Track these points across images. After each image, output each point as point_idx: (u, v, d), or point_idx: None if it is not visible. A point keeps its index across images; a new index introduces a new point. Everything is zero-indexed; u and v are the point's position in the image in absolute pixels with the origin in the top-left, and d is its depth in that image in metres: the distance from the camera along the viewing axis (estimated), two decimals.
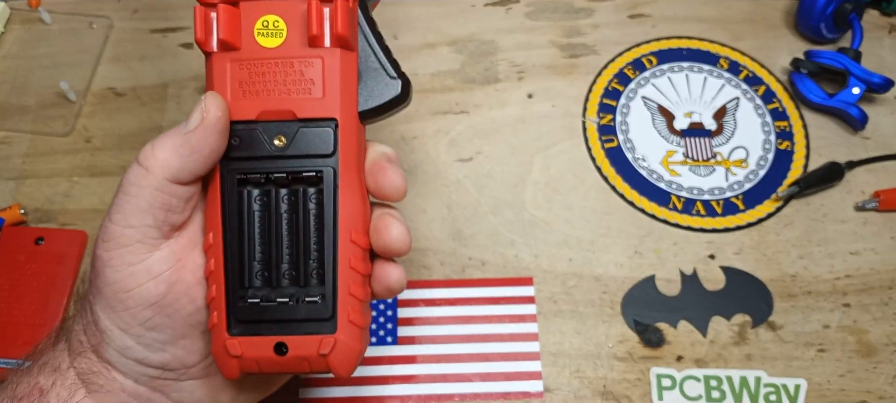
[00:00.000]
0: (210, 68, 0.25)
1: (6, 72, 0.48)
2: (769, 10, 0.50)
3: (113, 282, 0.24)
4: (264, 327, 0.25)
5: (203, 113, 0.24)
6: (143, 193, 0.24)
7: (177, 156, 0.24)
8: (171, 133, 0.24)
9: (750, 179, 0.43)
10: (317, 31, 0.25)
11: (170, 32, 0.50)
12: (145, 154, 0.24)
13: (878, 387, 0.36)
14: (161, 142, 0.24)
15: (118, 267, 0.24)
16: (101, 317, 0.25)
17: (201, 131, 0.24)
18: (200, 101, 0.24)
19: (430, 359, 0.37)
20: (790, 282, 0.39)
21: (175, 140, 0.24)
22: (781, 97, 0.46)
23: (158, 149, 0.24)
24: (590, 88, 0.47)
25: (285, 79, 0.25)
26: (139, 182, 0.24)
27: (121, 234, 0.24)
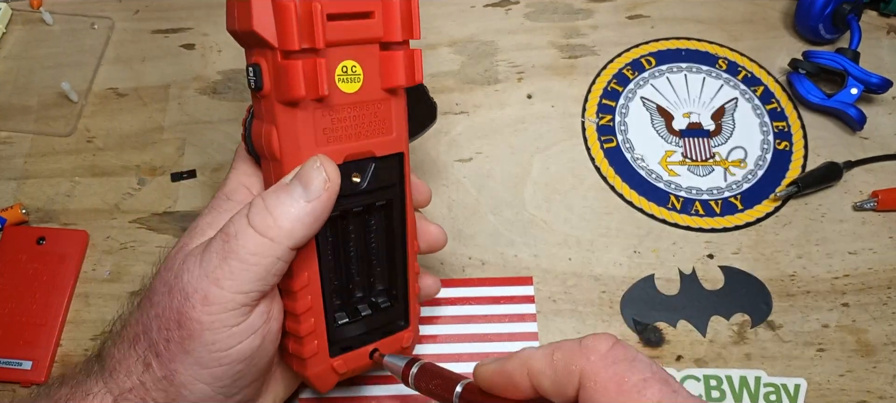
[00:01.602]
0: (293, 117, 0.24)
1: (8, 72, 0.48)
2: (767, 11, 0.50)
3: (211, 344, 0.23)
4: (356, 340, 0.29)
5: (327, 182, 0.24)
6: (263, 263, 0.23)
7: (302, 226, 0.23)
8: (286, 198, 0.23)
9: (748, 179, 0.43)
10: (398, 82, 0.26)
11: (171, 33, 0.50)
12: (266, 224, 0.23)
13: (878, 387, 0.36)
14: (281, 211, 0.23)
15: (219, 330, 0.23)
16: (180, 373, 0.24)
17: (327, 200, 0.24)
18: (316, 167, 0.24)
19: (429, 358, 0.37)
20: (789, 282, 0.39)
21: (298, 209, 0.23)
22: (780, 97, 0.46)
23: (281, 219, 0.23)
24: (589, 89, 0.47)
25: (363, 121, 0.26)
26: (262, 252, 0.23)
27: (229, 300, 0.23)
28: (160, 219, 0.42)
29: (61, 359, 0.37)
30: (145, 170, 0.44)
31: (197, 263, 0.24)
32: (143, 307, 0.25)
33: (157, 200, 0.43)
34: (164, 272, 0.25)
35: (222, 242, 0.23)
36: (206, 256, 0.24)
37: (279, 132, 0.24)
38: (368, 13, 0.25)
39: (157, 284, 0.25)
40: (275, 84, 0.24)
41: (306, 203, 0.23)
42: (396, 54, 0.26)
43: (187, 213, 0.42)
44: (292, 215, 0.23)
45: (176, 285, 0.24)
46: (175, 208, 0.42)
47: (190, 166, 0.44)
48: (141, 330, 0.25)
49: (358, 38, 0.25)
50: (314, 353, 0.27)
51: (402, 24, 0.25)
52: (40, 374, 0.36)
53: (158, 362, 0.24)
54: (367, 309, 0.30)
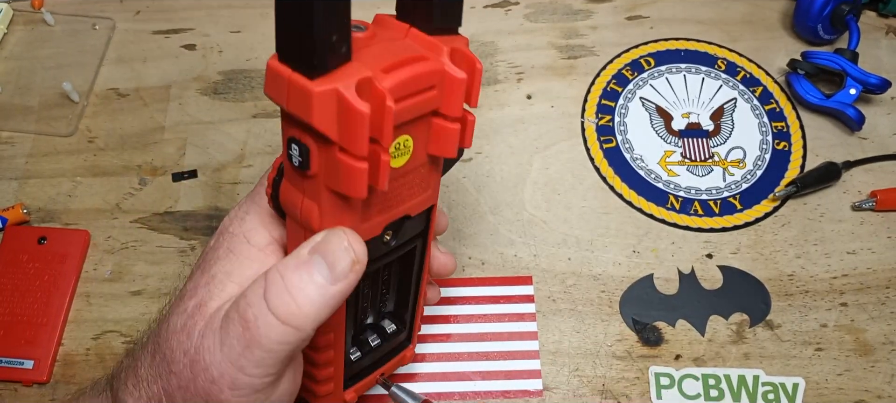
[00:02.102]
0: (341, 204, 0.22)
1: (9, 72, 0.48)
2: (766, 12, 0.51)
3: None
4: (366, 370, 0.30)
5: (355, 264, 0.21)
6: (287, 349, 0.21)
7: (327, 308, 0.21)
8: (308, 279, 0.21)
9: (747, 179, 0.43)
10: (448, 153, 0.23)
11: (172, 34, 0.50)
12: (289, 310, 0.21)
13: (877, 386, 0.36)
14: (304, 296, 0.21)
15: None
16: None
17: (354, 280, 0.21)
18: (342, 247, 0.21)
19: (430, 358, 0.37)
20: (787, 282, 0.39)
21: (323, 293, 0.21)
22: (779, 98, 0.46)
23: (305, 305, 0.21)
24: (588, 89, 0.47)
25: (404, 188, 0.24)
26: (286, 340, 0.21)
27: (257, 383, 0.22)
28: (161, 219, 0.42)
29: (62, 358, 0.37)
30: (146, 170, 0.44)
31: (217, 345, 0.22)
32: (160, 368, 0.23)
33: (158, 200, 0.43)
34: (183, 335, 0.23)
35: (242, 328, 0.21)
36: (226, 340, 0.22)
37: (322, 212, 0.21)
38: (431, 87, 0.21)
39: (176, 350, 0.23)
40: (328, 173, 0.21)
41: (331, 285, 0.21)
42: (451, 127, 0.22)
43: (188, 213, 0.42)
44: (317, 300, 0.21)
45: (198, 362, 0.22)
46: (176, 208, 0.42)
47: (191, 166, 0.44)
48: (163, 394, 0.23)
49: (416, 114, 0.22)
50: (329, 393, 0.28)
51: (461, 99, 0.22)
52: (42, 373, 0.36)
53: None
54: (376, 337, 0.30)
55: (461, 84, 0.22)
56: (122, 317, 0.39)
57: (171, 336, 0.23)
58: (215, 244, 0.25)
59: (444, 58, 0.22)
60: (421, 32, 0.22)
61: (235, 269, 0.24)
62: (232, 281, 0.24)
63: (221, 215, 0.42)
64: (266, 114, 0.46)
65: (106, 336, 0.38)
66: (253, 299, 0.21)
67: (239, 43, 0.50)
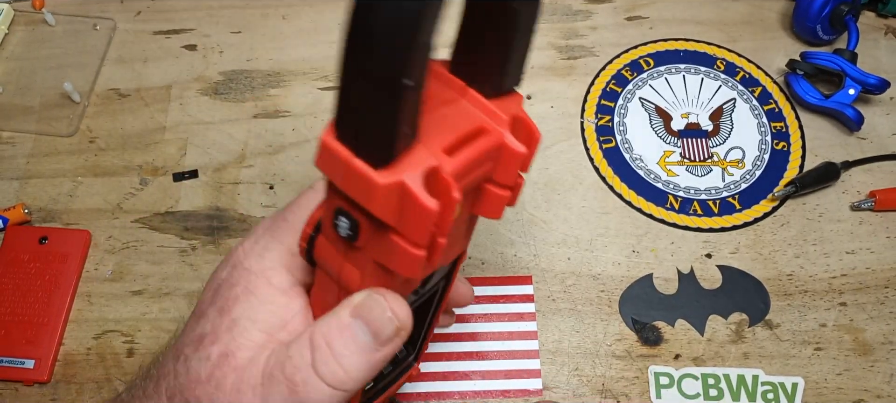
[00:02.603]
0: (387, 277, 0.21)
1: (10, 73, 0.48)
2: (765, 12, 0.51)
3: None
4: (376, 393, 0.28)
5: (400, 331, 0.21)
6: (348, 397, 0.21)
7: (372, 372, 0.21)
8: (353, 344, 0.21)
9: (746, 179, 0.43)
10: (495, 216, 0.22)
11: (173, 34, 0.50)
12: (337, 377, 0.21)
13: (876, 386, 0.36)
14: (351, 362, 0.21)
15: None
16: None
17: (398, 344, 0.21)
18: (386, 315, 0.20)
19: (430, 357, 0.37)
20: (786, 281, 0.39)
21: (368, 358, 0.21)
22: (777, 98, 0.46)
23: (353, 370, 0.21)
24: (588, 89, 0.47)
25: (453, 237, 0.22)
26: (334, 402, 0.21)
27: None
28: (162, 219, 0.42)
29: (63, 358, 0.37)
30: (147, 170, 0.44)
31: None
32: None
33: (158, 200, 0.43)
34: (209, 387, 0.22)
35: (288, 391, 0.21)
36: (270, 400, 0.21)
37: (364, 278, 0.20)
38: (491, 159, 0.20)
39: (203, 401, 0.22)
40: (378, 250, 0.19)
41: (376, 352, 0.21)
42: (503, 194, 0.21)
43: (189, 213, 0.42)
44: (363, 366, 0.21)
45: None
46: (177, 208, 0.42)
47: (191, 166, 0.44)
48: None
49: (471, 187, 0.20)
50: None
51: (513, 173, 0.21)
52: (43, 373, 0.37)
53: None
54: (389, 365, 0.29)
55: (520, 158, 0.20)
56: (123, 317, 0.39)
57: (195, 385, 0.22)
58: (230, 279, 0.24)
59: (505, 130, 0.20)
60: (479, 95, 0.20)
61: (260, 315, 0.23)
62: (258, 329, 0.23)
63: (222, 215, 0.42)
64: (266, 115, 0.46)
65: (107, 336, 0.38)
66: (300, 364, 0.21)
67: (240, 43, 0.50)
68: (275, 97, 0.47)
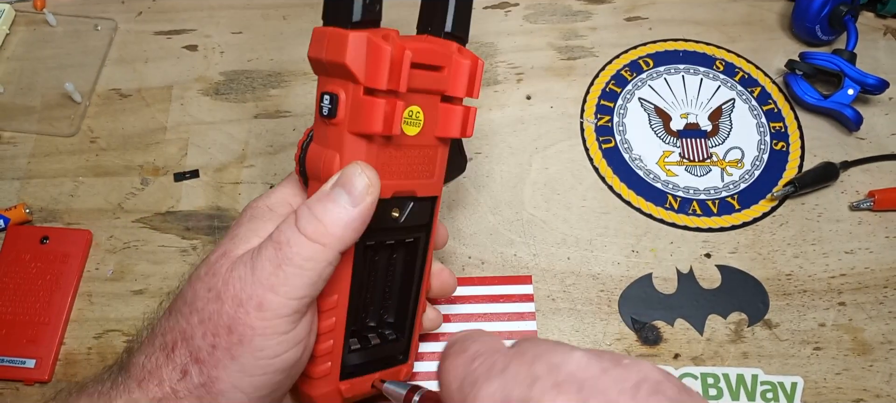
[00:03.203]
0: (359, 148, 0.26)
1: (11, 73, 0.49)
2: (765, 13, 0.51)
3: (260, 350, 0.24)
4: (362, 368, 0.30)
5: (370, 186, 0.25)
6: (317, 268, 0.24)
7: (351, 231, 0.24)
8: (332, 205, 0.24)
9: (745, 179, 0.43)
10: (452, 134, 0.28)
11: (174, 35, 0.50)
12: (318, 230, 0.24)
13: (875, 385, 0.36)
14: (330, 218, 0.24)
15: (270, 336, 0.24)
16: (221, 380, 0.24)
17: (372, 203, 0.25)
18: (357, 173, 0.24)
19: (429, 357, 0.37)
20: (785, 281, 0.39)
21: (345, 214, 0.24)
22: (776, 98, 0.47)
23: (331, 225, 0.24)
24: (587, 90, 0.47)
25: (413, 162, 0.28)
26: (315, 258, 0.24)
27: (283, 305, 0.24)
28: (163, 219, 0.42)
29: (64, 358, 0.38)
30: (148, 170, 0.44)
31: (248, 270, 0.24)
32: (179, 314, 0.25)
33: (159, 200, 0.43)
34: (207, 278, 0.25)
35: (274, 250, 0.24)
36: (258, 263, 0.24)
37: (343, 159, 0.25)
38: (440, 67, 0.27)
39: (198, 290, 0.25)
40: (351, 115, 0.25)
41: (352, 208, 0.24)
42: (456, 108, 0.28)
43: (190, 213, 0.42)
44: (341, 220, 0.24)
45: (226, 291, 0.24)
46: (178, 208, 0.43)
47: (192, 166, 0.44)
48: (179, 336, 0.24)
49: (427, 87, 0.27)
50: (325, 374, 0.28)
51: (466, 83, 0.28)
52: (43, 372, 0.37)
53: (199, 368, 0.24)
54: (376, 338, 0.31)
55: (466, 68, 0.27)
56: (124, 317, 0.39)
57: (193, 282, 0.25)
58: (240, 217, 0.28)
59: (452, 49, 0.27)
60: (433, 35, 0.28)
61: (260, 227, 0.26)
62: (256, 236, 0.26)
63: (223, 215, 0.42)
64: (267, 115, 0.46)
65: (108, 336, 0.38)
66: (284, 227, 0.24)
67: (240, 44, 0.50)
68: (275, 97, 0.47)
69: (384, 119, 0.25)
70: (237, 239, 0.26)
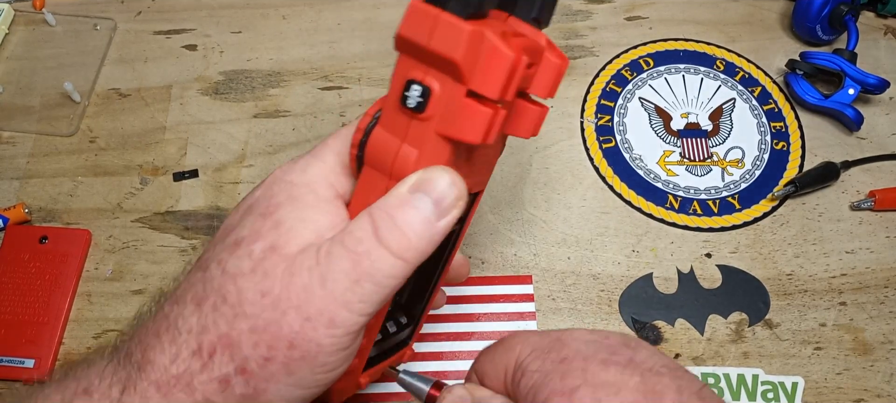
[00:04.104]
0: (443, 151, 0.22)
1: (11, 73, 0.48)
2: (765, 13, 0.51)
3: (321, 365, 0.21)
4: (378, 357, 0.29)
5: (459, 201, 0.21)
6: (394, 285, 0.21)
7: (432, 243, 0.21)
8: (415, 213, 0.21)
9: (746, 179, 0.43)
10: (523, 134, 0.25)
11: (173, 34, 0.50)
12: (402, 245, 0.21)
13: (875, 385, 0.36)
14: (414, 230, 0.21)
15: (334, 353, 0.21)
16: (268, 392, 0.21)
17: (456, 216, 0.22)
18: (448, 182, 0.21)
19: (430, 356, 0.37)
20: (786, 281, 0.39)
21: (430, 229, 0.21)
22: (777, 98, 0.47)
23: (415, 240, 0.21)
24: (588, 89, 0.47)
25: (477, 161, 0.25)
26: (396, 274, 0.21)
27: (354, 323, 0.21)
28: (162, 219, 0.42)
29: (64, 357, 0.37)
30: (147, 169, 0.44)
31: (316, 281, 0.21)
32: (217, 314, 0.21)
33: (159, 200, 0.43)
34: (256, 278, 0.21)
35: (351, 262, 0.21)
36: (329, 275, 0.21)
37: (422, 160, 0.22)
38: (532, 65, 0.23)
39: (246, 291, 0.21)
40: (443, 115, 0.21)
41: (436, 220, 0.21)
42: (532, 109, 0.24)
43: (189, 213, 0.42)
44: (424, 235, 0.21)
45: (287, 300, 0.21)
46: (177, 207, 0.43)
47: (192, 166, 0.44)
48: (220, 343, 0.21)
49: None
50: (354, 370, 0.27)
51: (550, 84, 0.24)
52: (43, 372, 0.37)
53: (245, 379, 0.21)
54: (393, 326, 0.30)
55: (554, 69, 0.23)
56: (123, 316, 0.39)
57: (236, 278, 0.21)
58: (269, 192, 0.23)
59: (542, 44, 0.23)
60: (519, 19, 0.23)
61: (308, 217, 0.22)
62: (307, 229, 0.22)
63: (222, 215, 0.42)
64: (267, 114, 0.46)
65: (107, 336, 0.38)
66: (362, 236, 0.21)
67: (240, 43, 0.50)
68: (275, 97, 0.47)
69: (485, 130, 0.21)
70: (283, 228, 0.22)
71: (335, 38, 0.50)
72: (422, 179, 0.21)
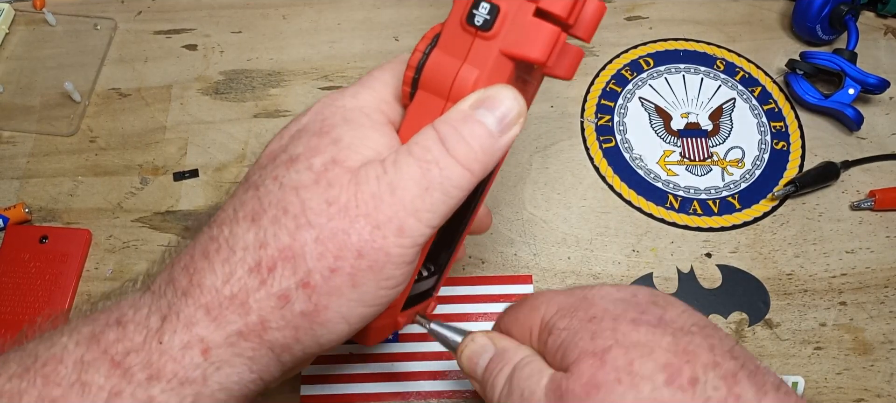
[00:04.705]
0: (503, 70, 0.22)
1: (11, 72, 0.49)
2: (765, 12, 0.51)
3: (386, 279, 0.21)
4: (412, 299, 0.28)
5: (520, 117, 0.22)
6: (460, 196, 0.21)
7: (494, 158, 0.21)
8: (480, 128, 0.21)
9: (746, 179, 0.43)
10: (561, 75, 0.24)
11: (173, 34, 0.50)
12: (468, 155, 0.21)
13: (876, 385, 0.36)
14: (479, 142, 0.21)
15: (400, 265, 0.21)
16: (330, 309, 0.21)
17: (517, 132, 0.22)
18: (511, 97, 0.21)
19: (430, 356, 0.37)
20: (786, 281, 0.39)
21: (493, 141, 0.21)
22: (777, 98, 0.47)
23: (480, 151, 0.21)
24: (588, 89, 0.47)
25: (520, 92, 0.25)
26: (462, 185, 0.21)
27: (422, 234, 0.21)
28: (162, 218, 0.42)
29: None
30: (147, 169, 0.44)
31: (385, 189, 0.20)
32: (278, 226, 0.20)
33: (159, 199, 0.43)
34: (321, 188, 0.20)
35: (420, 170, 0.20)
36: (399, 183, 0.20)
37: (484, 78, 0.22)
38: None
39: (310, 201, 0.20)
40: (509, 33, 0.21)
41: (499, 135, 0.21)
42: (572, 50, 0.25)
43: (189, 213, 0.42)
44: (490, 148, 0.21)
45: (356, 208, 0.20)
46: (177, 207, 0.43)
47: (192, 166, 0.44)
48: (281, 255, 0.20)
49: None
50: (397, 304, 0.26)
51: (591, 25, 0.24)
52: None
53: (307, 294, 0.20)
54: (425, 268, 0.29)
55: (596, 9, 0.23)
56: None
57: (298, 190, 0.21)
58: (320, 116, 0.23)
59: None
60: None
61: (368, 136, 0.22)
62: (367, 147, 0.22)
63: None
64: (267, 114, 0.46)
65: None
66: (430, 145, 0.21)
67: (240, 43, 0.50)
68: (275, 97, 0.47)
69: (550, 47, 0.21)
70: (342, 145, 0.21)
71: (335, 38, 0.50)
72: (483, 97, 0.21)
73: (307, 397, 0.36)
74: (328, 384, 0.36)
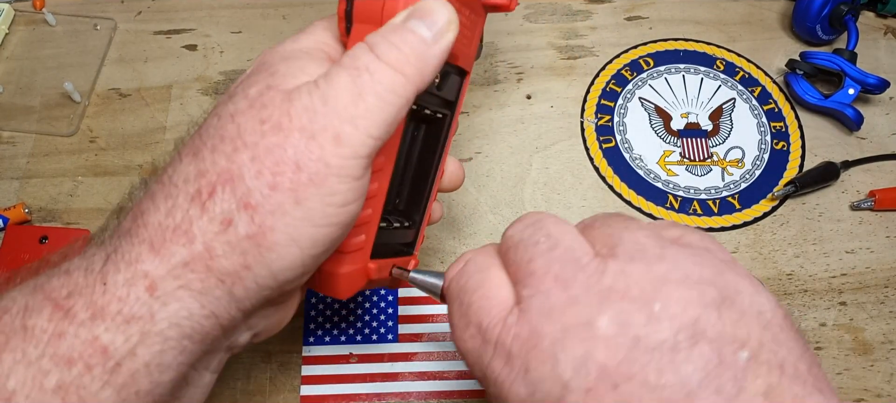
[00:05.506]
0: None
1: (11, 72, 0.48)
2: (765, 12, 0.51)
3: (331, 194, 0.20)
4: (382, 250, 0.27)
5: (451, 23, 0.22)
6: (397, 103, 0.21)
7: (431, 67, 0.22)
8: (410, 36, 0.21)
9: (746, 179, 0.43)
10: (501, 3, 0.26)
11: (173, 34, 0.50)
12: (399, 59, 0.21)
13: (876, 385, 0.36)
14: (410, 47, 0.21)
15: (344, 179, 0.21)
16: (276, 230, 0.20)
17: (452, 39, 0.22)
18: (439, 5, 0.22)
19: (430, 356, 0.37)
20: (786, 281, 0.39)
21: (427, 47, 0.21)
22: (777, 98, 0.47)
23: (411, 55, 0.21)
24: (588, 89, 0.47)
25: (462, 28, 0.25)
26: (397, 91, 0.21)
27: (361, 143, 0.21)
28: None
29: None
30: (148, 169, 0.44)
31: (318, 100, 0.20)
32: (215, 152, 0.20)
33: None
34: (255, 110, 0.20)
35: (351, 77, 0.20)
36: (330, 92, 0.20)
37: (410, 2, 0.22)
38: None
39: (244, 123, 0.20)
40: None
41: (432, 42, 0.21)
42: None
43: None
44: (423, 54, 0.21)
45: (289, 122, 0.20)
46: None
47: None
48: (219, 178, 0.20)
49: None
50: (359, 248, 0.25)
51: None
52: None
53: (249, 215, 0.19)
54: (395, 222, 0.28)
55: None
56: None
57: (234, 116, 0.21)
58: (260, 63, 0.23)
59: None
60: None
61: (305, 66, 0.22)
62: (304, 73, 0.22)
63: None
64: None
65: None
66: (359, 53, 0.21)
67: (240, 43, 0.50)
68: None
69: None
70: (278, 74, 0.22)
71: None
72: (414, 10, 0.22)
73: (307, 397, 0.36)
74: (328, 384, 0.36)
